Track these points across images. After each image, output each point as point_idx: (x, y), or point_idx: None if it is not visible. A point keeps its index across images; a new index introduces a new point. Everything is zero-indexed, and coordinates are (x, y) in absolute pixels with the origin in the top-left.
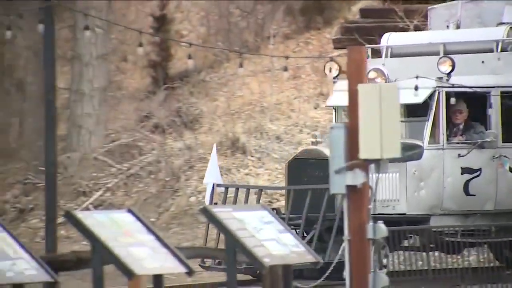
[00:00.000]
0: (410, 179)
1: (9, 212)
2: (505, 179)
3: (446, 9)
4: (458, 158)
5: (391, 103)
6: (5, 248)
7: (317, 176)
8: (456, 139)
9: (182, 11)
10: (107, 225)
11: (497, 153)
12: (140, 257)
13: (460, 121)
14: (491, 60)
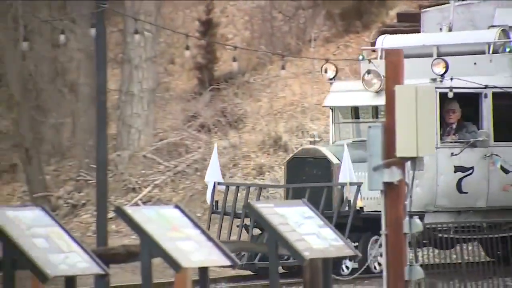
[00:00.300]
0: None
1: (62, 208)
2: (496, 177)
3: (439, 12)
4: (451, 156)
5: (426, 104)
6: (59, 242)
7: (315, 174)
8: (449, 138)
9: (227, 16)
10: (155, 220)
11: (489, 152)
12: (187, 250)
13: (453, 120)
14: (483, 61)
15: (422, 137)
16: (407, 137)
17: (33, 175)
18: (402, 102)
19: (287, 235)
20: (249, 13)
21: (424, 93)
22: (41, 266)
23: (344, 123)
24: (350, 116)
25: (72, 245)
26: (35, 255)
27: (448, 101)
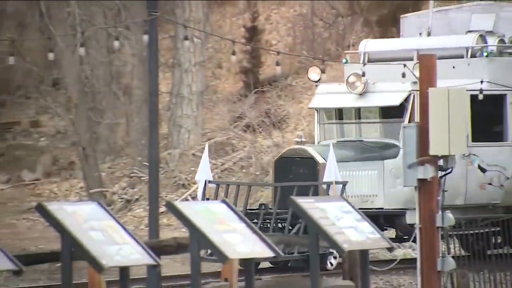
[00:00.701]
0: (387, 176)
1: (117, 203)
2: (474, 175)
3: (417, 18)
4: None
5: (458, 105)
6: (113, 235)
7: (302, 173)
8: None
9: (271, 23)
10: (204, 214)
11: (467, 152)
12: (233, 242)
13: None
14: (462, 65)
15: (454, 136)
16: (439, 136)
17: (89, 172)
18: (435, 104)
19: (327, 228)
20: (292, 21)
21: (456, 95)
22: (97, 257)
23: (329, 124)
24: (334, 117)
25: (126, 238)
26: (92, 247)
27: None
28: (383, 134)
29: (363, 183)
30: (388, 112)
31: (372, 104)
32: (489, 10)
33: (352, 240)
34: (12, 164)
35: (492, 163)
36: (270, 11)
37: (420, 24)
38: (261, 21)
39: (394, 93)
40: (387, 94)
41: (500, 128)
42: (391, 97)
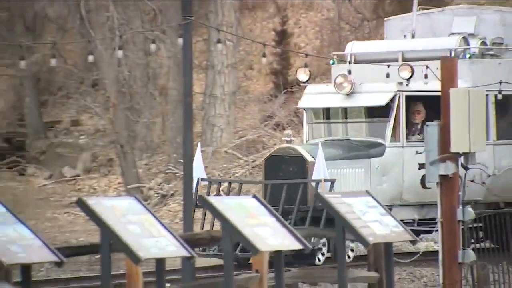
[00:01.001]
0: (374, 174)
1: (153, 197)
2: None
3: (401, 21)
4: (416, 154)
5: (477, 105)
6: (150, 228)
7: (291, 171)
8: (415, 138)
9: (300, 27)
10: (235, 209)
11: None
12: (263, 235)
13: (418, 121)
14: None
15: (474, 134)
16: (460, 134)
17: (127, 169)
18: (456, 104)
19: (353, 222)
20: (319, 24)
21: (476, 96)
22: (134, 249)
23: (317, 123)
24: (322, 117)
25: (162, 231)
26: (129, 240)
27: (413, 103)
28: (369, 133)
29: (350, 181)
30: (374, 112)
31: (359, 104)
32: (470, 14)
33: (377, 233)
34: (54, 161)
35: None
36: (299, 16)
37: (404, 26)
38: (290, 25)
39: (380, 94)
40: (373, 95)
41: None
42: (377, 98)
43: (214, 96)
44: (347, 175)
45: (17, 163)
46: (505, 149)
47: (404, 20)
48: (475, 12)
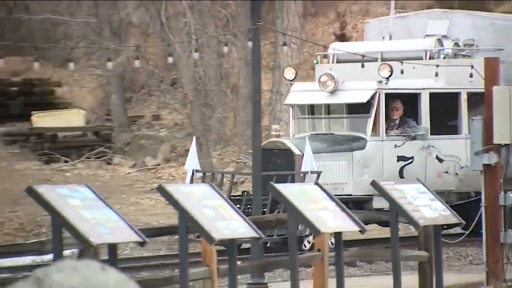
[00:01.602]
0: (356, 166)
1: (225, 184)
2: (432, 165)
3: (379, 23)
4: (394, 148)
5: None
6: (223, 212)
7: (280, 163)
8: (393, 132)
9: (357, 31)
10: (299, 194)
11: (427, 144)
12: (324, 218)
13: (396, 117)
14: (421, 66)
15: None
16: (502, 127)
17: (202, 159)
18: (498, 100)
19: (405, 207)
20: None
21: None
22: (208, 230)
23: (302, 118)
24: (307, 113)
25: (234, 214)
26: (204, 222)
27: (392, 100)
28: (350, 128)
29: (334, 172)
30: (355, 108)
31: (342, 101)
32: (444, 17)
33: (427, 216)
34: (137, 152)
35: (448, 154)
36: (357, 21)
37: (382, 29)
38: (349, 29)
39: (361, 91)
40: (355, 92)
41: (455, 123)
42: (359, 95)
43: (280, 93)
44: (331, 167)
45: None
46: None
47: (382, 22)
48: (448, 16)
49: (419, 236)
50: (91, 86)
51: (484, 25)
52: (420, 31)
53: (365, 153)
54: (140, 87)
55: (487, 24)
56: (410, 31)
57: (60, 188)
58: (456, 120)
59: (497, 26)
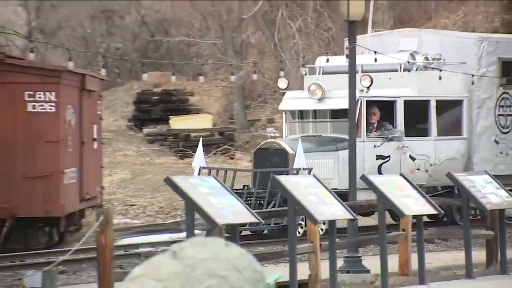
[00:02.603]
0: (341, 163)
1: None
2: (406, 163)
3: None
4: (374, 148)
5: None
6: (324, 198)
7: (275, 161)
8: (373, 134)
9: None
10: (387, 183)
11: (401, 145)
12: (408, 203)
13: (374, 121)
14: (396, 77)
15: None
16: None
17: None
18: None
19: (475, 194)
20: None
21: None
22: (312, 213)
23: (294, 122)
24: (297, 117)
25: (333, 200)
26: (309, 206)
27: (370, 106)
28: (333, 130)
29: (322, 169)
30: (339, 113)
31: (328, 107)
32: (414, 35)
33: (493, 202)
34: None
35: (419, 153)
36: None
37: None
38: None
39: (345, 99)
40: (340, 99)
41: (426, 126)
42: (343, 102)
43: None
44: (319, 164)
45: (228, 150)
46: (443, 143)
47: (360, 40)
48: (418, 34)
49: (487, 218)
50: (218, 95)
51: (449, 42)
52: (393, 47)
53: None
54: (257, 96)
55: (451, 41)
56: (384, 47)
57: (192, 178)
58: (427, 124)
59: (460, 43)
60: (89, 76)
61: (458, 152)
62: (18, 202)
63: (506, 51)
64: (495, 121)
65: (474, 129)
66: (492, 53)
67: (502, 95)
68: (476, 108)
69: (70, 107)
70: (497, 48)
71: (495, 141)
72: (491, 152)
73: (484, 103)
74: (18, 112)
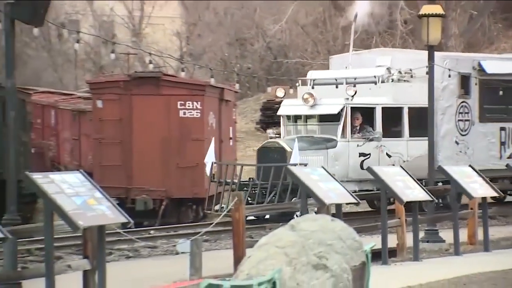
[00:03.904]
0: (330, 159)
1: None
2: (383, 159)
3: (341, 58)
4: (357, 147)
5: None
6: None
7: (275, 157)
8: (356, 136)
9: None
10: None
11: (380, 144)
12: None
13: (357, 124)
14: (375, 88)
15: None
16: None
17: None
18: None
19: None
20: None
21: None
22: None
23: (290, 125)
24: (293, 121)
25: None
26: (396, 190)
27: (354, 112)
28: (324, 132)
29: (314, 164)
30: (327, 118)
31: (319, 112)
32: (388, 54)
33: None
34: None
35: (394, 151)
36: None
37: (342, 62)
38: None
39: (333, 106)
40: (329, 106)
41: (400, 129)
42: (331, 108)
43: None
44: (312, 160)
45: None
46: (414, 143)
47: (343, 58)
48: (391, 53)
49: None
50: None
51: (418, 59)
52: (371, 63)
53: (336, 151)
54: None
55: (420, 58)
56: (363, 64)
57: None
58: (400, 127)
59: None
60: (226, 89)
61: (425, 150)
62: (172, 186)
63: (464, 67)
64: (455, 125)
65: (438, 132)
66: (453, 68)
67: (461, 104)
68: (440, 115)
69: (212, 113)
70: (457, 64)
71: (456, 142)
72: (452, 151)
73: (446, 110)
74: (172, 117)
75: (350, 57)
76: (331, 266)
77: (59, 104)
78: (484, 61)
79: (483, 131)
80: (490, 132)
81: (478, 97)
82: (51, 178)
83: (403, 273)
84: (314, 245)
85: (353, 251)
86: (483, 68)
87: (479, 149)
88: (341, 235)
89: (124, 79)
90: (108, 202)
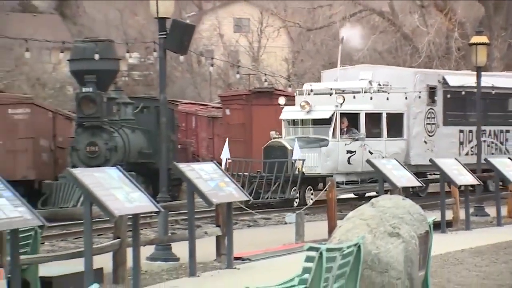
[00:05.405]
0: (323, 156)
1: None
2: (366, 156)
3: (329, 73)
4: (345, 145)
5: None
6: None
7: (279, 155)
8: (344, 136)
9: None
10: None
11: (363, 143)
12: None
13: (344, 127)
14: (360, 97)
15: None
16: None
17: None
18: None
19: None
20: None
21: None
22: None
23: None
24: (292, 124)
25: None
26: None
27: (342, 116)
28: (318, 133)
29: (310, 160)
30: (320, 122)
31: (314, 117)
32: (369, 69)
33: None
34: None
35: (376, 149)
36: None
37: (331, 75)
38: None
39: (326, 111)
40: (322, 112)
41: (379, 130)
42: (324, 113)
43: None
44: (309, 157)
45: None
46: (391, 142)
47: (332, 72)
48: (372, 69)
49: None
50: None
51: (395, 74)
52: (354, 77)
53: (328, 149)
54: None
55: (396, 73)
56: (348, 77)
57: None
58: (380, 129)
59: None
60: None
61: (400, 148)
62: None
63: (431, 80)
64: (424, 128)
65: (410, 133)
66: (423, 81)
67: (429, 110)
68: (412, 119)
69: None
70: (426, 78)
71: (424, 141)
72: (422, 149)
73: (417, 115)
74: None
75: (338, 71)
76: (402, 234)
77: (198, 112)
78: (448, 76)
79: (446, 132)
80: (451, 134)
81: (442, 105)
82: (192, 167)
83: (458, 240)
84: (390, 218)
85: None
86: (446, 81)
87: (443, 147)
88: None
89: (246, 93)
90: (234, 185)
